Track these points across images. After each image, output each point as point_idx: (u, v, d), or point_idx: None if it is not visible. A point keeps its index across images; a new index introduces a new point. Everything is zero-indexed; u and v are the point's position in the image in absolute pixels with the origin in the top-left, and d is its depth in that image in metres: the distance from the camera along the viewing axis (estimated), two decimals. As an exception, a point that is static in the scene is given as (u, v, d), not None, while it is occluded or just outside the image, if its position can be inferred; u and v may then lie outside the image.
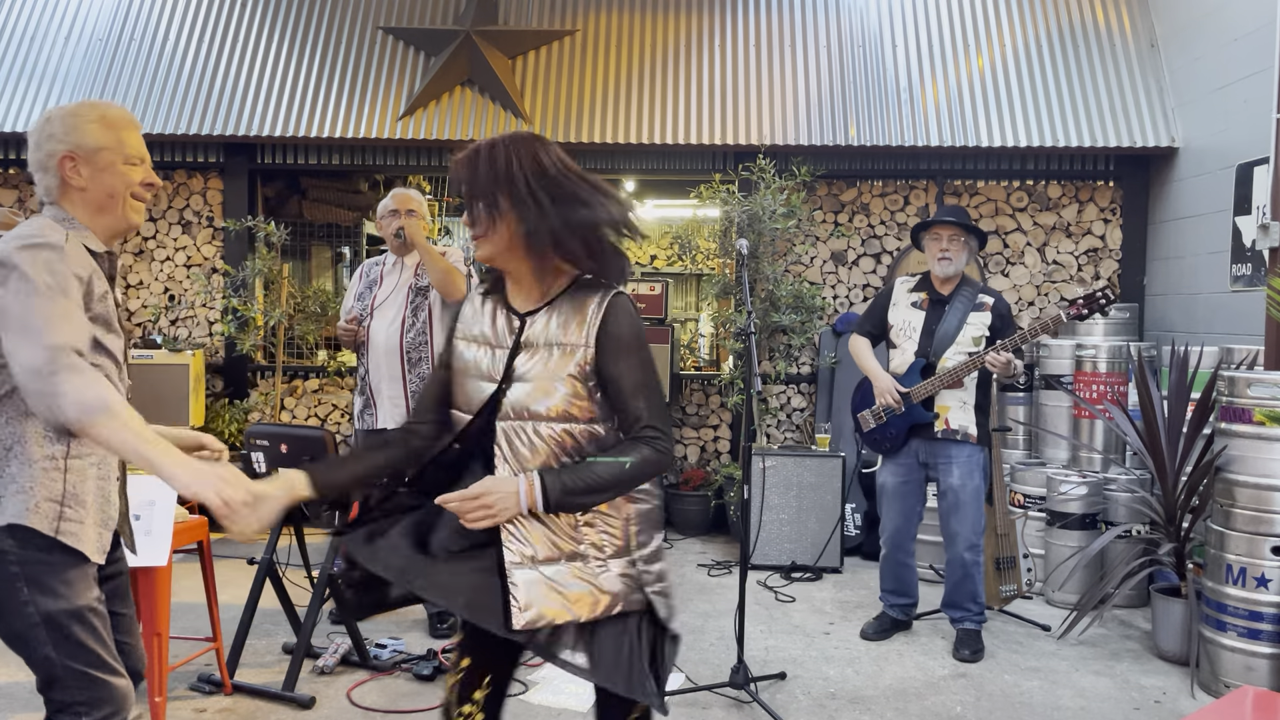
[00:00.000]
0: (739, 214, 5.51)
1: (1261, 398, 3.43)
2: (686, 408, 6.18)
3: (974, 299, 3.90)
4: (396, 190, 4.11)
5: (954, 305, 3.90)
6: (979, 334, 3.84)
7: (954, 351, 3.85)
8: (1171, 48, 5.60)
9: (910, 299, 4.01)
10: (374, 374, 4.03)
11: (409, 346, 3.98)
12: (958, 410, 3.86)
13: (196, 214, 6.19)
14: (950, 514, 3.90)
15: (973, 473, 3.85)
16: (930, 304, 3.95)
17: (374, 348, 4.01)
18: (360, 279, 4.21)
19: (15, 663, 3.60)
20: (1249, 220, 4.64)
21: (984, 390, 3.89)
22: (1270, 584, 3.39)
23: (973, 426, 3.85)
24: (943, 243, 3.89)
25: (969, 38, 5.94)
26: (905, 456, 3.97)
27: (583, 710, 3.30)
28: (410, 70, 6.02)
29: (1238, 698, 2.23)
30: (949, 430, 3.86)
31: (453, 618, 3.92)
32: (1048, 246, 5.93)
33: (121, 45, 6.08)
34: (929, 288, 3.98)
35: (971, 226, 3.90)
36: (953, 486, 3.87)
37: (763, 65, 5.98)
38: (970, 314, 3.87)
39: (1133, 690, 3.59)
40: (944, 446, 3.88)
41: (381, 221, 4.11)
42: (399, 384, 3.98)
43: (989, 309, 3.87)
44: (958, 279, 3.93)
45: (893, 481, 4.02)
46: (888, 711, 3.36)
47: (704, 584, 4.85)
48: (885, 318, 4.05)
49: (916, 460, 3.96)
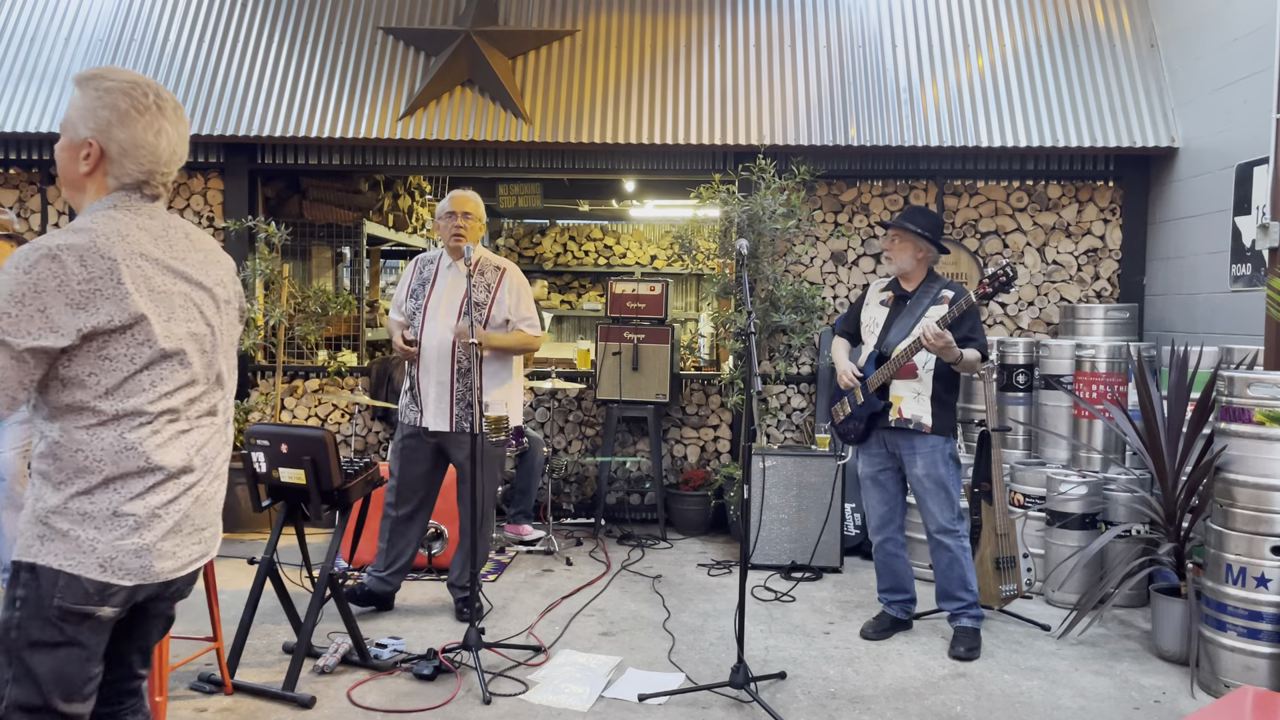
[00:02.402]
0: (739, 214, 5.52)
1: (1261, 398, 3.43)
2: (686, 408, 6.19)
3: (935, 294, 3.98)
4: (455, 192, 4.15)
5: (915, 300, 4.00)
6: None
7: (908, 342, 3.91)
8: (1171, 48, 5.60)
9: (880, 298, 4.14)
10: (423, 376, 4.06)
11: (460, 355, 3.99)
12: (911, 400, 3.93)
13: (197, 214, 6.19)
14: (920, 505, 4.00)
15: (935, 463, 3.91)
16: (895, 300, 4.08)
17: (425, 350, 4.04)
18: (414, 273, 4.22)
19: (15, 662, 3.61)
20: (1249, 220, 4.64)
21: (944, 383, 3.95)
22: (1270, 584, 3.39)
23: (927, 417, 3.91)
24: (884, 242, 4.10)
25: (969, 38, 5.94)
26: (875, 447, 4.07)
27: (583, 710, 3.30)
28: (410, 70, 6.02)
29: (1237, 698, 2.23)
30: (902, 420, 3.94)
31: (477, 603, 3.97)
32: (1048, 246, 5.93)
33: (121, 45, 6.08)
34: (895, 285, 4.10)
35: (906, 227, 3.96)
36: (916, 476, 3.96)
37: (763, 65, 5.98)
38: (930, 308, 3.94)
39: (1133, 690, 3.59)
40: (905, 437, 3.96)
41: (439, 222, 4.13)
42: (446, 390, 4.02)
43: (947, 302, 3.93)
44: (919, 276, 4.02)
45: (868, 471, 4.11)
46: (888, 711, 3.37)
47: (704, 584, 4.85)
48: (859, 318, 4.18)
49: (886, 450, 4.05)
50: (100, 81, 1.79)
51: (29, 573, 1.73)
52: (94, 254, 1.69)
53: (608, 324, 5.85)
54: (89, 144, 1.78)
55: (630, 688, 3.48)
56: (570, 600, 4.53)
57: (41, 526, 1.74)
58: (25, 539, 1.75)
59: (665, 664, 3.75)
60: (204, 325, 1.87)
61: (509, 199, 8.18)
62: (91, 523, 1.73)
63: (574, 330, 9.67)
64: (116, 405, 1.74)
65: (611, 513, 6.15)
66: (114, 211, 1.78)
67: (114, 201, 1.80)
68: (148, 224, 1.81)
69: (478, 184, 8.36)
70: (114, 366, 1.72)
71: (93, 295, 1.68)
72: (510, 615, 4.28)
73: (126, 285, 1.71)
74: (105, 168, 1.79)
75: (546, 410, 6.24)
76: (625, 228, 9.73)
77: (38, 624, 1.72)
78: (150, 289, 1.76)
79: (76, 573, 1.72)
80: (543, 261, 9.65)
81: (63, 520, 1.73)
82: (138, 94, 1.80)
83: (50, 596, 1.72)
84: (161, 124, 1.82)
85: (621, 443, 6.15)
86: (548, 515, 5.66)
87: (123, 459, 1.75)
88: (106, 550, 1.74)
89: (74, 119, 1.80)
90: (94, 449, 1.73)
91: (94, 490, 1.74)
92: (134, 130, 1.78)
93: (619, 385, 5.77)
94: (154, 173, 1.82)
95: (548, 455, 5.64)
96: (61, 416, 1.73)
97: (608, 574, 4.98)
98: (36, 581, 1.73)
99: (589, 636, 4.05)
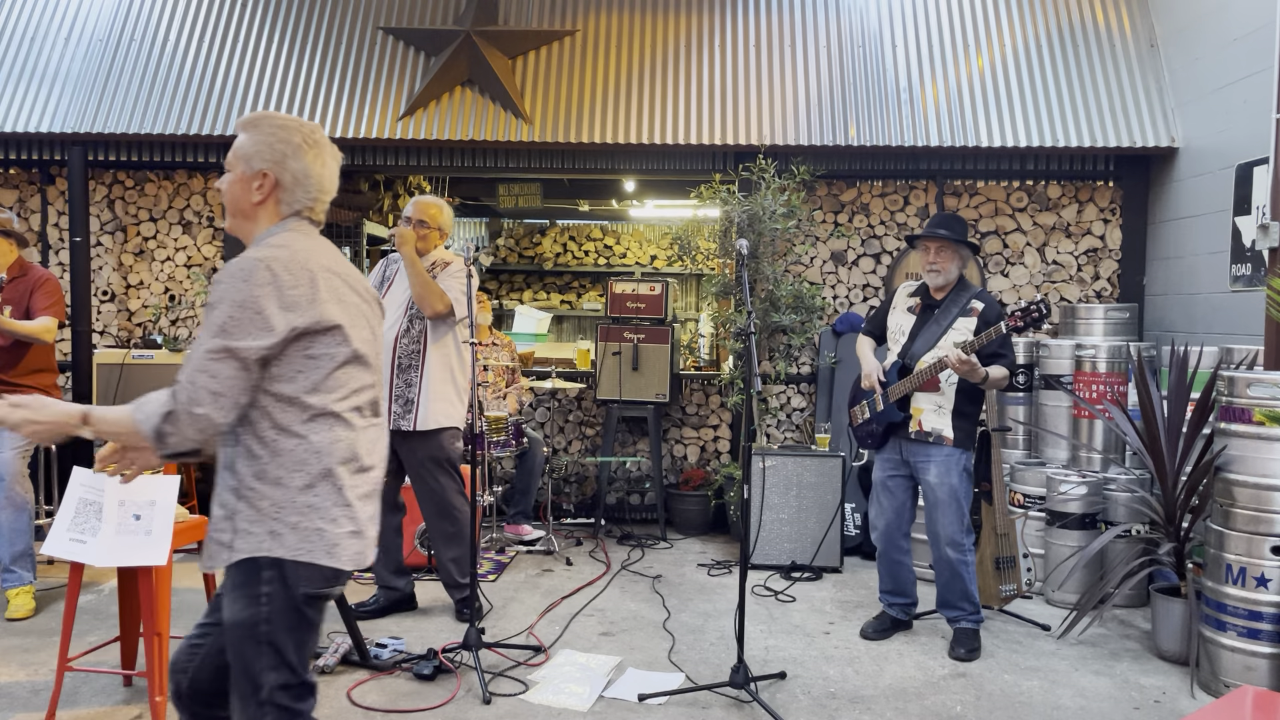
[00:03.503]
0: (739, 214, 5.52)
1: (1261, 398, 3.43)
2: (686, 407, 6.19)
3: (964, 304, 3.89)
4: (418, 198, 4.17)
5: (943, 310, 3.92)
6: (962, 339, 3.82)
7: (932, 355, 3.86)
8: (1171, 48, 5.60)
9: (907, 303, 4.06)
10: None
11: (401, 353, 4.03)
12: (931, 413, 3.88)
13: (197, 214, 6.20)
14: (929, 513, 3.95)
15: (949, 471, 3.86)
16: (922, 308, 4.00)
17: None
18: (378, 272, 4.27)
19: (16, 662, 3.61)
20: (1249, 220, 4.64)
21: (966, 395, 3.88)
22: (1270, 584, 3.39)
23: (948, 430, 3.86)
24: (930, 255, 3.92)
25: (969, 38, 5.94)
26: (890, 453, 4.03)
27: (583, 710, 3.30)
28: (410, 70, 6.02)
29: (1237, 698, 2.23)
30: (922, 432, 3.90)
31: (477, 603, 3.95)
32: (1047, 246, 5.93)
33: (121, 45, 6.08)
34: (924, 292, 4.02)
35: (959, 239, 3.89)
36: (930, 485, 3.91)
37: (763, 65, 5.98)
38: (958, 319, 3.87)
39: (1133, 690, 3.59)
40: (921, 447, 3.92)
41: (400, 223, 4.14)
42: (386, 387, 4.00)
43: (977, 314, 3.86)
44: (952, 285, 3.95)
45: (881, 477, 4.08)
46: (888, 711, 3.37)
47: (704, 584, 4.85)
48: (886, 321, 4.12)
49: (901, 457, 4.01)
50: (271, 120, 2.03)
51: (273, 568, 1.91)
52: (296, 265, 1.91)
53: (608, 324, 5.85)
54: (264, 175, 2.00)
55: (630, 688, 3.48)
56: (570, 600, 4.53)
57: (272, 523, 1.91)
58: (256, 538, 1.91)
59: (665, 664, 3.75)
60: (371, 334, 2.09)
61: (509, 199, 8.17)
62: (317, 514, 1.93)
63: (574, 330, 9.67)
64: (322, 400, 1.94)
65: (611, 513, 6.15)
66: (294, 234, 2.00)
67: (289, 226, 2.02)
68: (321, 245, 2.04)
69: (478, 184, 8.40)
70: (318, 365, 1.93)
71: (299, 300, 1.89)
72: (510, 615, 4.28)
73: (322, 293, 1.93)
74: (278, 196, 2.02)
75: (546, 410, 6.24)
76: (625, 228, 9.73)
77: (287, 613, 1.93)
78: (339, 299, 1.98)
79: (313, 561, 1.93)
80: (543, 261, 9.65)
81: (292, 514, 1.92)
82: (306, 131, 2.04)
83: (296, 586, 1.92)
84: (325, 157, 2.07)
85: (621, 443, 6.15)
86: (548, 515, 5.66)
87: (333, 451, 1.95)
88: (332, 538, 1.94)
89: (248, 154, 2.01)
90: (308, 444, 1.92)
91: (315, 484, 1.93)
92: (305, 161, 2.02)
93: (619, 385, 5.77)
94: (318, 200, 2.07)
95: (548, 455, 5.65)
96: (272, 415, 1.91)
97: (608, 574, 4.98)
98: (282, 575, 1.91)
99: (589, 636, 4.05)
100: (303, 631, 1.97)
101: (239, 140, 2.04)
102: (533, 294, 9.70)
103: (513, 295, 9.68)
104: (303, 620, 1.96)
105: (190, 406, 1.81)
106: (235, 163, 2.03)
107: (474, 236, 10.06)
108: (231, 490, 1.94)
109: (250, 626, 1.92)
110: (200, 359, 1.83)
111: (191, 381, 1.82)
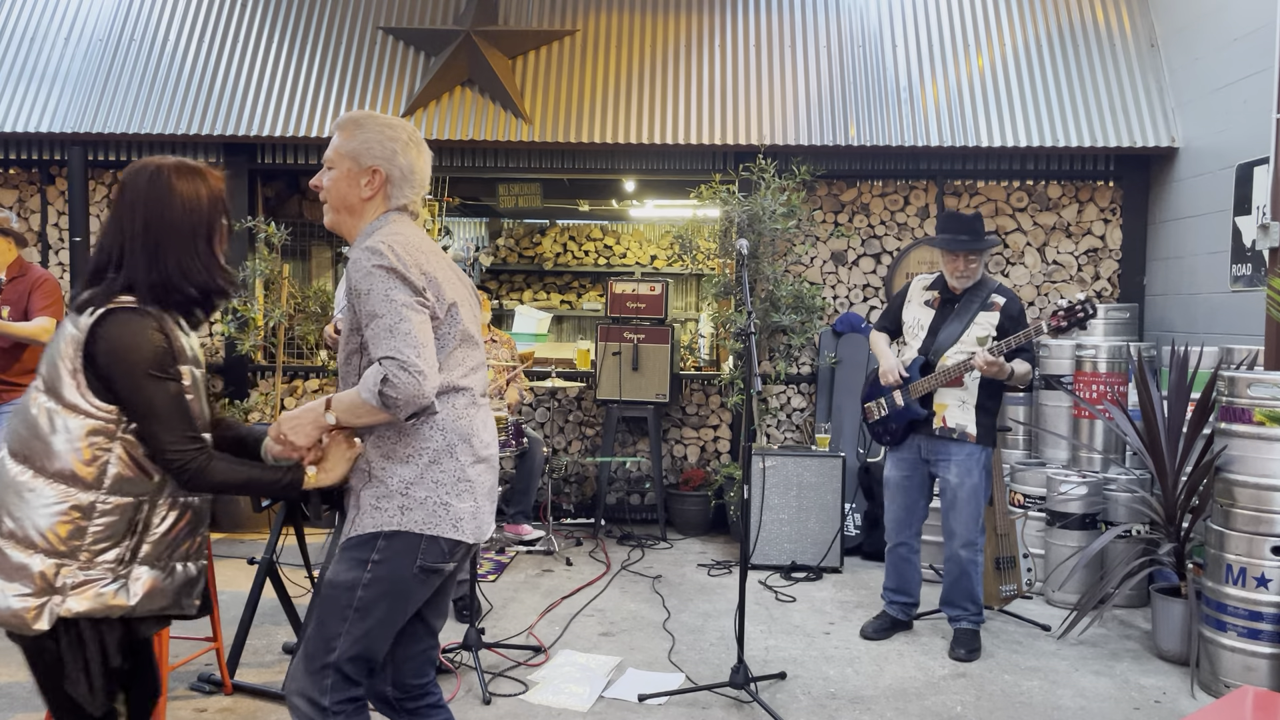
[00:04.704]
0: (739, 214, 5.51)
1: (1261, 398, 3.43)
2: (686, 408, 6.18)
3: (985, 299, 3.87)
4: None
5: (963, 304, 3.89)
6: (984, 334, 3.82)
7: (956, 350, 3.84)
8: (1171, 48, 5.60)
9: (924, 297, 4.01)
10: None
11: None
12: (956, 409, 3.86)
13: (196, 214, 6.19)
14: (948, 511, 3.92)
15: (971, 470, 3.84)
16: (941, 303, 3.95)
17: None
18: None
19: (16, 662, 3.60)
20: (1249, 220, 4.64)
21: (989, 391, 3.87)
22: (1270, 584, 3.39)
23: (972, 426, 3.85)
24: (961, 265, 3.87)
25: (969, 38, 5.94)
26: (907, 451, 3.99)
27: (583, 710, 3.30)
28: (410, 70, 6.03)
29: (1238, 698, 2.23)
30: (946, 428, 3.87)
31: (477, 603, 3.94)
32: (1048, 246, 5.93)
33: (121, 45, 6.09)
34: (942, 286, 3.97)
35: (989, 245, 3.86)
36: (950, 484, 3.88)
37: (763, 65, 5.98)
38: (979, 314, 3.85)
39: (1133, 690, 3.59)
40: (943, 444, 3.89)
41: None
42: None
43: (998, 309, 3.84)
44: None
45: (895, 475, 4.03)
46: (888, 711, 3.37)
47: (704, 584, 4.85)
48: (900, 315, 4.08)
49: (919, 456, 3.97)
50: (376, 120, 2.13)
51: (388, 540, 1.99)
52: (413, 248, 2.02)
53: (608, 324, 5.85)
54: (374, 171, 2.09)
55: (630, 688, 3.48)
56: (570, 600, 4.53)
57: (401, 498, 2.00)
58: (386, 512, 2.00)
59: (665, 664, 3.75)
60: (474, 316, 2.18)
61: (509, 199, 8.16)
62: (443, 489, 2.02)
63: (574, 330, 9.66)
64: (447, 376, 2.03)
65: (611, 513, 6.15)
66: (400, 225, 2.09)
67: (393, 218, 2.11)
68: (423, 234, 2.13)
69: (477, 184, 8.39)
70: (442, 343, 2.04)
71: (421, 278, 1.99)
72: (510, 615, 4.28)
73: (438, 276, 2.04)
74: (387, 191, 2.11)
75: (546, 410, 6.24)
76: (625, 228, 9.72)
77: (389, 583, 2.00)
78: (448, 281, 2.08)
79: (436, 534, 2.01)
80: (543, 261, 9.65)
81: (420, 489, 2.01)
82: (409, 129, 2.15)
83: (414, 558, 2.00)
84: (424, 154, 2.18)
85: (621, 443, 6.15)
86: (548, 515, 5.66)
87: (456, 427, 2.05)
88: (456, 512, 2.03)
89: (356, 151, 2.09)
90: (433, 421, 2.02)
91: (441, 459, 2.03)
92: (410, 158, 2.13)
93: (619, 385, 5.77)
94: (419, 193, 2.17)
95: (548, 455, 5.64)
96: None
97: (608, 574, 4.98)
98: (403, 546, 2.00)
99: (589, 637, 4.05)
100: (396, 604, 2.02)
101: (340, 139, 2.11)
102: (533, 294, 9.69)
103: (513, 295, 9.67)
104: (406, 592, 2.02)
105: (396, 369, 1.89)
106: (340, 160, 2.10)
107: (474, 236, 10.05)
108: (362, 473, 2.04)
109: (349, 589, 1.99)
110: (383, 330, 1.92)
111: (389, 345, 1.91)
